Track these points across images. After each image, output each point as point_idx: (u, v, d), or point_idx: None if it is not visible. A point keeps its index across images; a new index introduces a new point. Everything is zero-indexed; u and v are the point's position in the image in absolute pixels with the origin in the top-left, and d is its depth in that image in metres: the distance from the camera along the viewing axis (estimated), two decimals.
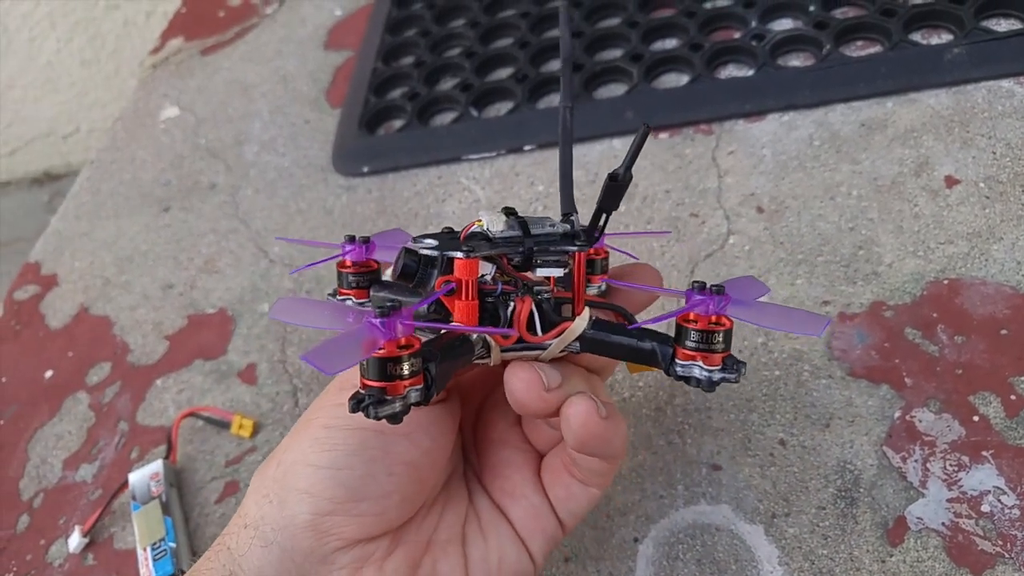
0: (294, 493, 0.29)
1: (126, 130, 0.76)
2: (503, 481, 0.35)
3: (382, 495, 0.30)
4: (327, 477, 0.29)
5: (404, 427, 0.29)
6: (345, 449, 0.30)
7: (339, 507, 0.29)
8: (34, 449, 0.52)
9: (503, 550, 0.33)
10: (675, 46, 0.62)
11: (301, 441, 0.30)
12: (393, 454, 0.30)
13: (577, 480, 0.33)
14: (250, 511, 0.30)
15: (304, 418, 0.32)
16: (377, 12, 0.76)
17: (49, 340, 0.59)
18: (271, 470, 0.31)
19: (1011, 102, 0.49)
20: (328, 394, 0.32)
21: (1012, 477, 0.36)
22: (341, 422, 0.30)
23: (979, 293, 0.42)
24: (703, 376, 0.28)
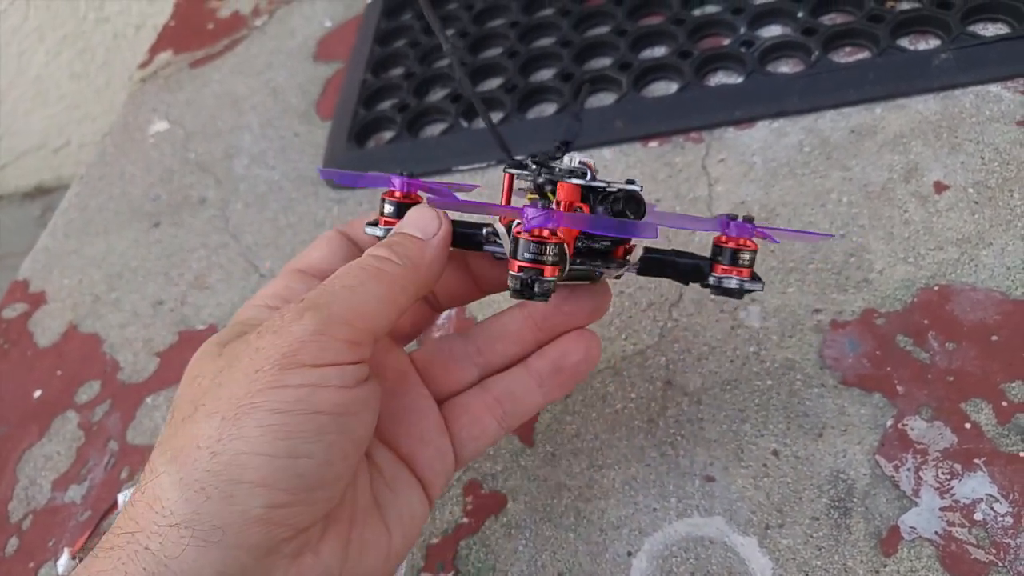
0: (244, 487, 0.27)
1: (115, 145, 0.75)
2: (409, 428, 0.35)
3: (336, 479, 0.29)
4: (284, 467, 0.27)
5: (355, 405, 0.29)
6: (303, 436, 0.28)
7: (295, 498, 0.28)
8: (23, 470, 0.52)
9: (411, 503, 0.33)
10: (664, 54, 0.61)
11: (245, 428, 0.27)
12: (346, 436, 0.29)
13: (497, 419, 0.36)
14: (177, 508, 0.27)
15: (234, 401, 0.28)
16: (366, 23, 0.76)
17: (38, 359, 0.58)
18: (203, 461, 0.27)
19: (999, 107, 0.49)
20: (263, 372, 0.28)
21: (1004, 485, 0.36)
22: (293, 406, 0.28)
23: (969, 299, 0.42)
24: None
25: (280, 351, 0.28)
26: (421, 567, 0.40)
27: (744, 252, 0.34)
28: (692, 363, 0.44)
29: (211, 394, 0.29)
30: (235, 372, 0.29)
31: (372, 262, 0.32)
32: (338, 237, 0.37)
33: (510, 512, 0.41)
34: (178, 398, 0.31)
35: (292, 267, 0.36)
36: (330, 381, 0.28)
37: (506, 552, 0.40)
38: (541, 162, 0.33)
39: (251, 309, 0.35)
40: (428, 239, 0.33)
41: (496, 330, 0.37)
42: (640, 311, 0.47)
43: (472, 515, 0.42)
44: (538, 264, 0.30)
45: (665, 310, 0.47)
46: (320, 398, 0.28)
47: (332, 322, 0.29)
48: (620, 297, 0.48)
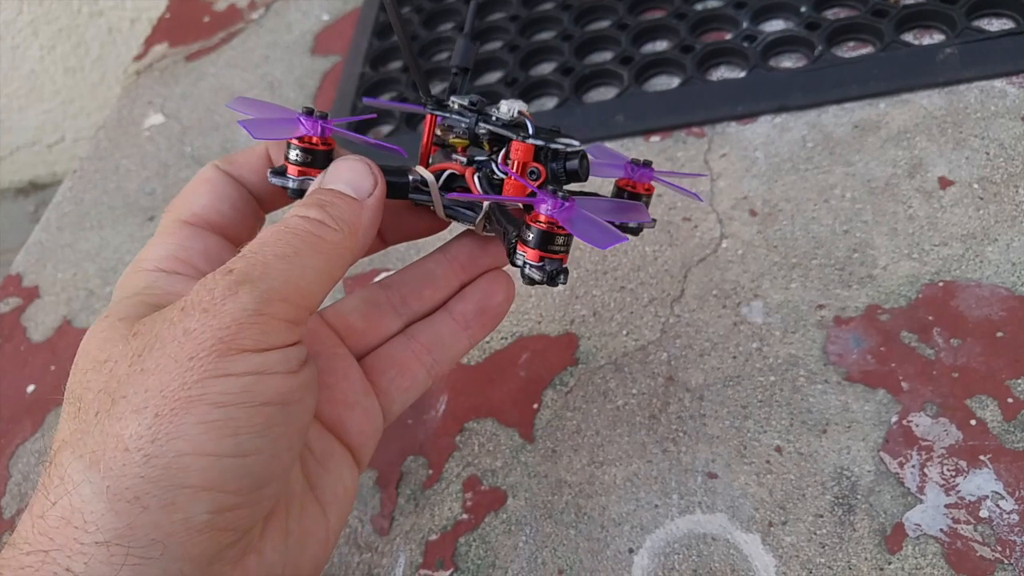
0: (186, 492, 0.24)
1: (109, 139, 0.75)
2: (331, 393, 0.32)
3: (283, 472, 0.26)
4: (231, 467, 0.24)
5: (299, 392, 0.27)
6: (251, 431, 0.25)
7: (243, 499, 0.25)
8: (15, 466, 0.51)
9: (343, 476, 0.31)
10: (666, 48, 0.61)
11: (185, 426, 0.24)
12: (293, 426, 0.26)
13: (426, 367, 0.34)
14: (105, 522, 0.23)
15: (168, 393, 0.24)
16: (364, 17, 0.75)
17: (31, 354, 0.58)
18: (134, 466, 0.23)
19: (1004, 102, 0.49)
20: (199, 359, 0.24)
21: (1010, 482, 0.36)
22: (238, 398, 0.24)
23: (974, 295, 0.42)
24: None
25: (216, 334, 0.25)
26: (420, 563, 0.40)
27: (645, 196, 0.35)
28: (694, 359, 0.44)
29: (132, 384, 0.25)
30: (161, 358, 0.25)
31: (304, 226, 0.28)
32: (221, 178, 0.33)
33: (510, 508, 0.41)
34: (80, 386, 0.26)
35: (175, 218, 0.32)
36: (275, 367, 0.26)
37: (506, 549, 0.39)
38: (480, 110, 0.32)
39: (143, 275, 0.30)
40: (363, 199, 0.30)
41: (422, 276, 0.35)
42: (642, 306, 0.47)
43: (472, 511, 0.41)
44: (560, 255, 0.29)
45: (667, 306, 0.46)
46: (265, 387, 0.25)
47: (271, 299, 0.26)
48: (621, 293, 0.48)
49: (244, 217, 0.33)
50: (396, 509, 0.42)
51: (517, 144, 0.30)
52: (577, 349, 0.46)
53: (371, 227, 0.30)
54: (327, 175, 0.30)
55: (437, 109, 0.33)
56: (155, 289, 0.29)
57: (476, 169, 0.32)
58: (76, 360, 0.27)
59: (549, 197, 0.28)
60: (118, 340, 0.26)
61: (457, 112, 0.32)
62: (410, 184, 0.32)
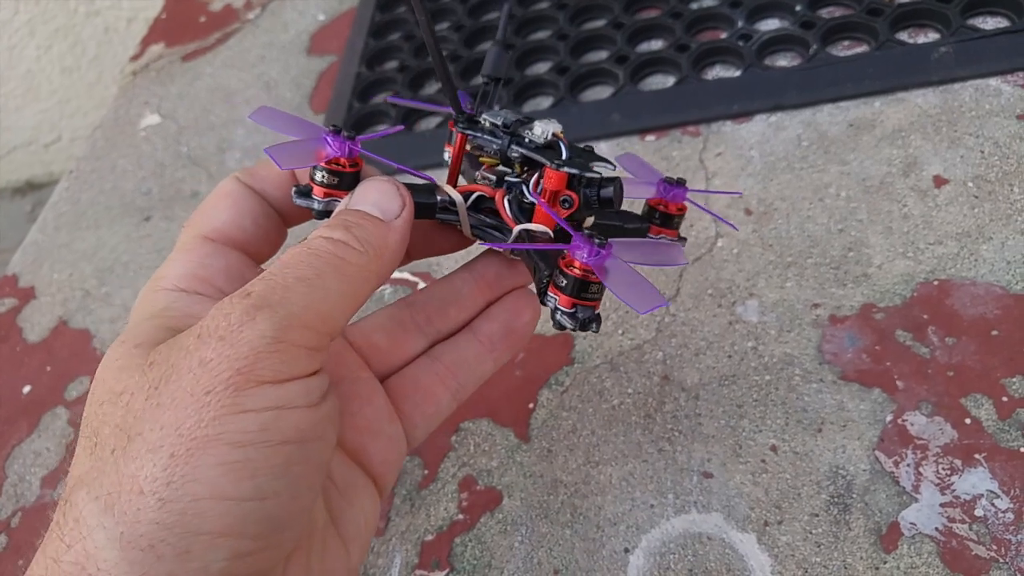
0: (203, 539, 0.22)
1: (106, 139, 0.74)
2: (352, 419, 0.30)
3: (302, 512, 0.25)
4: (251, 511, 0.23)
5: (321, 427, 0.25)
6: (270, 472, 0.23)
7: (262, 543, 0.23)
8: (11, 467, 0.51)
9: (365, 509, 0.30)
10: (661, 47, 0.61)
11: (202, 469, 0.22)
12: (313, 464, 0.25)
13: (451, 391, 0.33)
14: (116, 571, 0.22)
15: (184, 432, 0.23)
16: (360, 16, 0.75)
17: (27, 354, 0.58)
18: (148, 511, 0.22)
19: (998, 100, 0.49)
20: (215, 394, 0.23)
21: (1005, 480, 0.36)
22: (257, 437, 0.23)
23: (969, 294, 0.42)
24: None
25: (233, 365, 0.23)
26: (416, 564, 0.40)
27: (678, 217, 0.34)
28: (689, 358, 0.44)
29: (148, 420, 0.23)
30: (177, 391, 0.23)
31: (328, 247, 0.26)
32: (243, 192, 0.31)
33: (506, 508, 0.41)
34: (96, 418, 0.25)
35: (196, 233, 0.30)
36: (295, 401, 0.24)
37: (502, 549, 0.39)
38: (513, 132, 0.30)
39: (162, 295, 0.29)
40: (390, 220, 0.28)
41: (448, 295, 0.34)
42: None
43: (467, 511, 0.41)
44: (593, 302, 0.28)
45: None
46: (285, 423, 0.24)
47: (291, 326, 0.24)
48: None
49: (267, 233, 0.32)
50: (392, 509, 0.42)
51: (550, 172, 0.29)
52: (573, 348, 0.46)
53: (398, 249, 0.29)
54: (354, 196, 0.29)
55: (468, 128, 0.31)
56: (173, 311, 0.28)
57: (506, 191, 0.31)
58: (92, 389, 0.26)
59: (586, 244, 0.27)
60: (134, 370, 0.25)
61: (489, 132, 0.31)
62: (438, 204, 0.31)
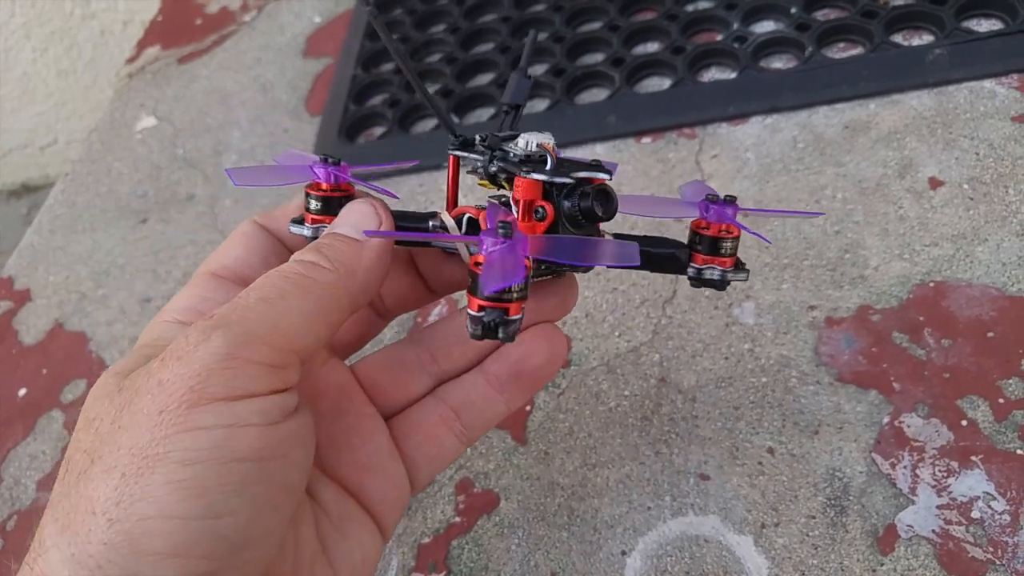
0: (152, 560, 0.22)
1: (102, 141, 0.74)
2: (353, 454, 0.30)
3: (266, 535, 0.24)
4: (202, 531, 0.22)
5: (282, 447, 0.25)
6: (222, 491, 0.23)
7: (217, 565, 0.23)
8: (7, 470, 0.51)
9: (363, 543, 0.29)
10: (657, 50, 0.61)
11: (150, 488, 0.22)
12: (274, 484, 0.24)
13: (455, 433, 0.32)
14: None
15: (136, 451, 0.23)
16: (356, 19, 0.75)
17: (23, 357, 0.57)
18: (98, 531, 0.22)
19: (993, 102, 0.49)
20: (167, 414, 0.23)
21: (1002, 482, 0.36)
22: (207, 455, 0.23)
23: (965, 295, 0.42)
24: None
25: (186, 383, 0.23)
26: (412, 567, 0.40)
27: (725, 240, 0.31)
28: (686, 360, 0.44)
29: (109, 442, 0.23)
30: (136, 413, 0.23)
31: (297, 268, 0.27)
32: (257, 232, 0.32)
33: (503, 511, 0.41)
34: (72, 446, 0.25)
35: (206, 270, 0.31)
36: (249, 419, 0.24)
37: (499, 552, 0.39)
38: (492, 146, 0.29)
39: (159, 327, 0.29)
40: (365, 240, 0.28)
41: (453, 332, 0.33)
42: (634, 308, 0.47)
43: (464, 514, 0.41)
44: (502, 303, 0.25)
45: (659, 307, 0.46)
46: (238, 441, 0.23)
47: (245, 342, 0.24)
48: (613, 294, 0.48)
49: None
50: None
51: (519, 180, 0.28)
52: (569, 351, 0.46)
53: (374, 267, 0.28)
54: (335, 220, 0.30)
55: (459, 149, 0.30)
56: (164, 340, 0.27)
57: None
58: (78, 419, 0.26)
59: (488, 236, 0.25)
60: (107, 397, 0.25)
61: (471, 147, 0.30)
62: (429, 229, 0.30)
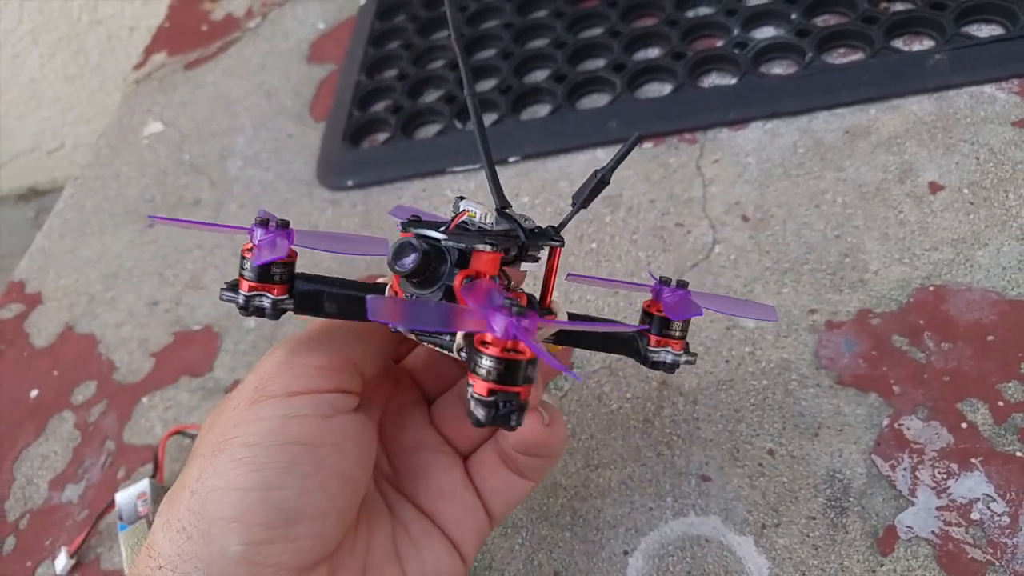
0: (220, 523, 0.26)
1: (110, 146, 0.75)
2: (430, 484, 0.34)
3: (318, 514, 0.28)
4: (258, 501, 0.26)
5: (333, 436, 0.28)
6: (275, 467, 0.27)
7: (274, 533, 0.27)
8: (19, 470, 0.52)
9: (438, 559, 0.32)
10: (658, 55, 0.62)
11: (220, 464, 0.27)
12: (325, 468, 0.28)
13: (515, 474, 0.34)
14: (163, 550, 0.27)
15: (215, 439, 0.28)
16: (360, 25, 0.76)
17: (34, 359, 0.58)
18: (184, 500, 0.27)
19: (993, 107, 0.50)
20: (238, 410, 0.28)
21: (1001, 484, 0.36)
22: (264, 439, 0.27)
23: (965, 299, 0.42)
24: (671, 360, 0.32)
25: (253, 385, 0.29)
26: None
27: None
28: None
29: (202, 439, 0.29)
30: (220, 414, 0.29)
31: None
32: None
33: None
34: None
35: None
36: (302, 410, 0.28)
37: (502, 551, 0.40)
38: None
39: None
40: None
41: None
42: (635, 311, 0.47)
43: None
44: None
45: None
46: (291, 428, 0.28)
47: (300, 350, 0.29)
48: (615, 297, 0.48)
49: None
50: None
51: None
52: (572, 353, 0.47)
53: None
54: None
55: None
56: None
57: None
58: None
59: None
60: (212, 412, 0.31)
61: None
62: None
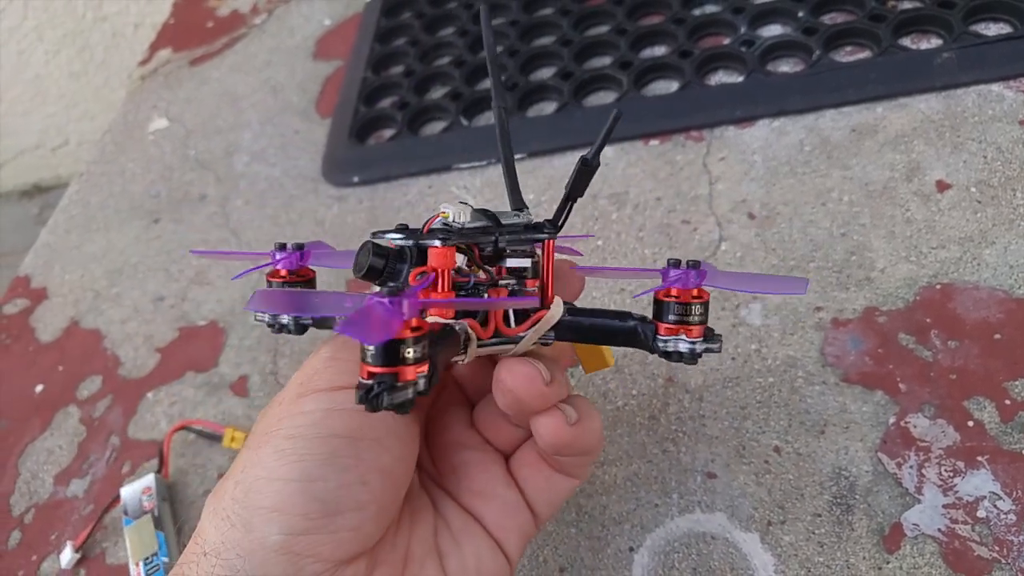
0: (261, 513, 0.27)
1: (115, 142, 0.75)
2: (471, 482, 0.33)
3: (358, 507, 0.28)
4: (298, 491, 0.27)
5: (374, 431, 0.28)
6: (315, 459, 0.27)
7: (313, 524, 0.27)
8: (25, 464, 0.52)
9: (480, 556, 0.32)
10: (664, 53, 0.62)
11: (263, 455, 0.28)
12: (366, 461, 0.28)
13: (557, 472, 0.33)
14: (209, 537, 0.28)
15: (261, 431, 0.29)
16: (366, 22, 0.76)
17: (39, 354, 0.58)
18: (229, 490, 0.28)
19: (1001, 106, 0.50)
20: (284, 404, 0.29)
21: (1007, 482, 0.36)
22: (307, 431, 0.28)
23: (972, 298, 0.42)
24: (687, 348, 0.28)
25: (299, 380, 0.29)
26: None
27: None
28: None
29: (252, 433, 0.30)
30: (268, 409, 0.30)
31: None
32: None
33: None
34: None
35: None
36: (345, 404, 0.28)
37: None
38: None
39: None
40: None
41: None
42: (641, 308, 0.47)
43: None
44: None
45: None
46: (333, 421, 0.28)
47: (344, 346, 0.30)
48: (621, 295, 0.48)
49: None
50: None
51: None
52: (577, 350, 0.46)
53: None
54: None
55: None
56: None
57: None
58: None
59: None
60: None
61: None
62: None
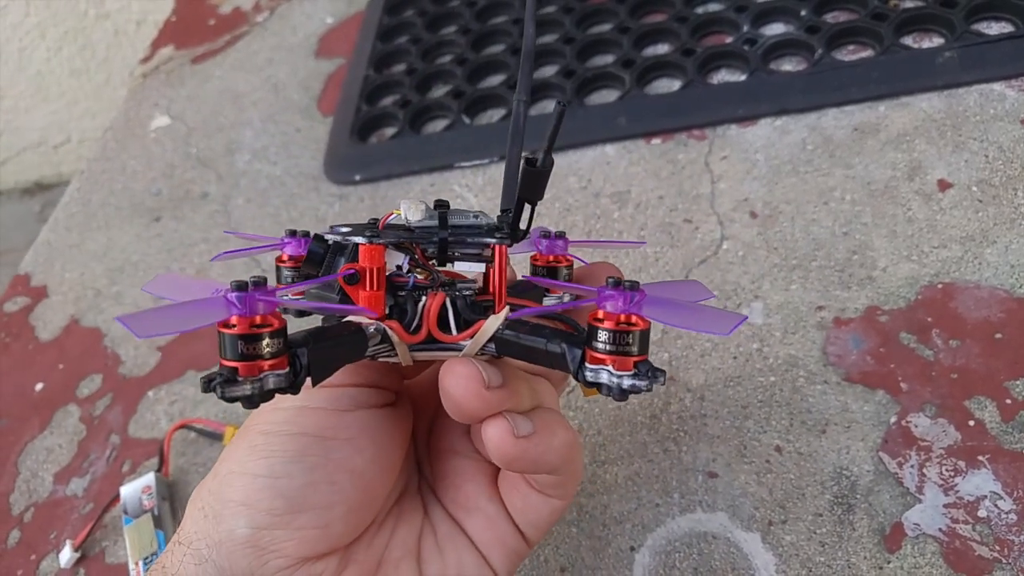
0: (230, 506, 0.27)
1: (116, 140, 0.75)
2: (455, 492, 0.33)
3: (324, 506, 0.28)
4: (264, 487, 0.27)
5: (346, 431, 0.28)
6: (283, 456, 0.27)
7: (278, 520, 0.27)
8: (24, 463, 0.52)
9: (462, 566, 0.31)
10: (667, 51, 0.61)
11: (237, 450, 0.28)
12: (335, 461, 0.28)
13: (535, 491, 0.31)
14: (186, 527, 0.28)
15: (243, 426, 0.29)
16: (368, 20, 0.76)
17: (39, 352, 0.58)
18: (208, 482, 0.28)
19: (1003, 105, 0.50)
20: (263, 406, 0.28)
21: (1008, 482, 0.36)
22: (279, 427, 0.28)
23: (973, 297, 0.42)
24: (612, 382, 0.24)
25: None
26: None
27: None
28: (695, 359, 0.44)
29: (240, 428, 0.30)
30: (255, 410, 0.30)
31: None
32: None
33: None
34: None
35: None
36: (318, 403, 0.28)
37: None
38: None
39: None
40: None
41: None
42: None
43: None
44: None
45: None
46: (305, 419, 0.28)
47: None
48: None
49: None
50: None
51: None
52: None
53: None
54: None
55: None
56: None
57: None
58: None
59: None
60: None
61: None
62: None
